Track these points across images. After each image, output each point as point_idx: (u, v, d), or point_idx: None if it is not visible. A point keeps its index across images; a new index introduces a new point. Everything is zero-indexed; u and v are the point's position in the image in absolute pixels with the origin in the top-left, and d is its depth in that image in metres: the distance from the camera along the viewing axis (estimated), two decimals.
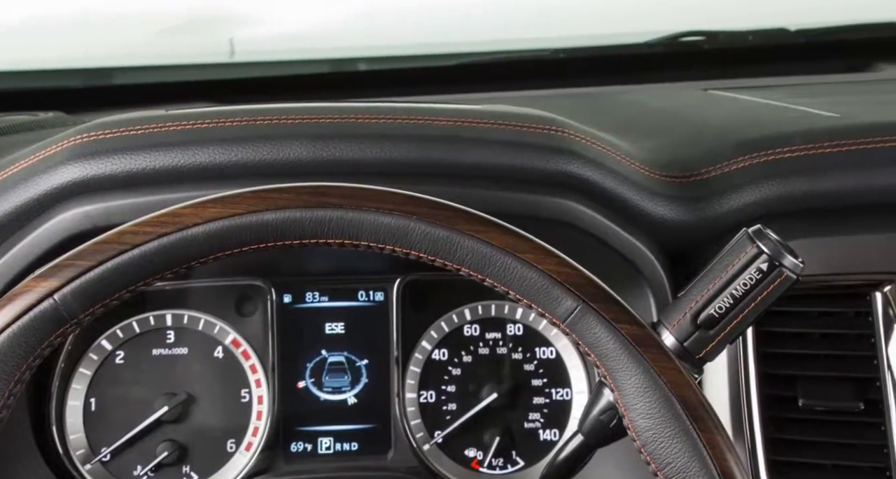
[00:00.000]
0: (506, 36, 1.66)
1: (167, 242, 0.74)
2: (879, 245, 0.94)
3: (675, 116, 1.17)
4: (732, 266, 0.76)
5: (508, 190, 0.95)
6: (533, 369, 1.09)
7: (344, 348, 1.09)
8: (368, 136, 0.94)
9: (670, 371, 0.72)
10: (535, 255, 0.74)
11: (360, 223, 0.75)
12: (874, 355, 0.93)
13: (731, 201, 0.96)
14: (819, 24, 1.44)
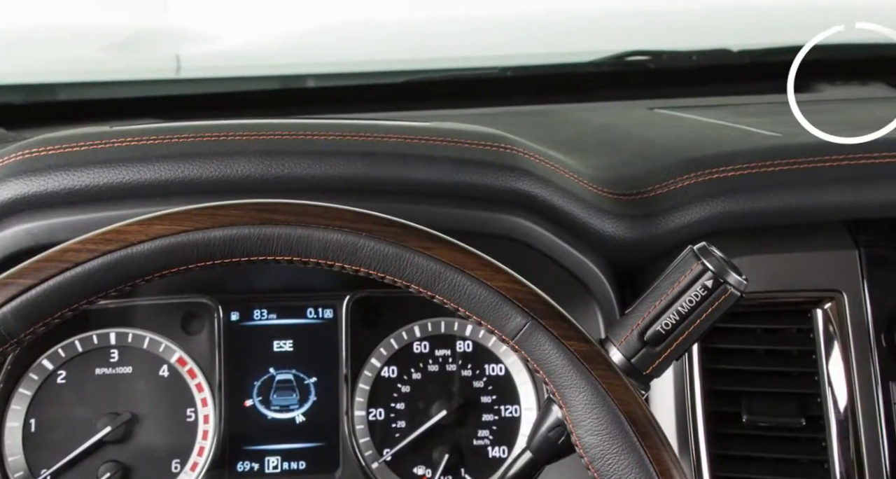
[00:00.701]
0: (454, 54, 1.67)
1: (111, 259, 0.73)
2: (820, 263, 0.96)
3: (622, 135, 1.19)
4: (678, 283, 0.77)
5: (458, 207, 0.95)
6: (482, 385, 1.09)
7: (292, 365, 1.08)
8: (317, 152, 0.94)
9: (618, 388, 0.73)
10: (485, 272, 0.74)
11: (309, 240, 0.74)
12: (815, 371, 0.95)
13: (677, 219, 0.98)
14: (761, 45, 1.47)
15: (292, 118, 1.00)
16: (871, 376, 0.92)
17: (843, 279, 0.95)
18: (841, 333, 0.94)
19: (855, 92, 1.42)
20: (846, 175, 0.97)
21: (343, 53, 1.72)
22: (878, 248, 0.96)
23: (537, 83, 1.48)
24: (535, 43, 1.70)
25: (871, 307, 0.94)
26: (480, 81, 1.50)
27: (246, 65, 1.63)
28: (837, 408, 0.93)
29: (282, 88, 1.53)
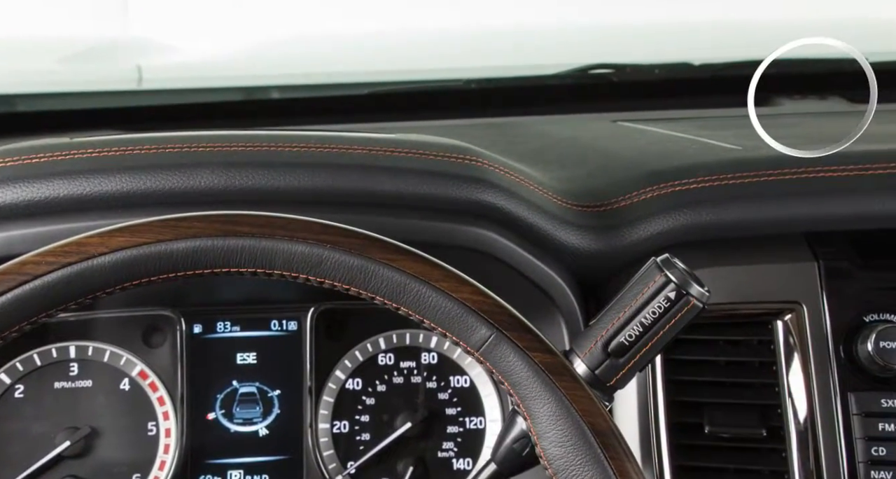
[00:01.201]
0: (419, 66, 1.67)
1: (71, 272, 0.72)
2: (780, 275, 0.97)
3: (586, 147, 1.19)
4: (642, 295, 0.78)
5: (423, 218, 0.95)
6: (447, 397, 1.09)
7: (256, 378, 1.07)
8: (282, 164, 0.94)
9: (582, 399, 0.73)
10: (450, 283, 0.74)
11: (274, 252, 0.74)
12: (776, 382, 0.96)
13: (641, 231, 0.98)
14: (722, 59, 1.49)
15: (256, 130, 1.00)
16: (830, 386, 0.93)
17: (802, 291, 0.96)
18: (801, 344, 0.95)
19: (813, 106, 1.44)
20: (805, 188, 0.99)
21: (307, 65, 1.72)
22: (837, 260, 0.97)
23: (502, 95, 1.49)
24: (499, 55, 1.71)
25: (829, 319, 0.95)
26: (445, 92, 1.50)
27: (209, 76, 1.63)
28: (797, 419, 0.94)
29: (245, 99, 1.52)
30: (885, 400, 0.92)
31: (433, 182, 0.96)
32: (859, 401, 0.93)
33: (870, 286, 0.96)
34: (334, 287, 0.75)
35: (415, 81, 1.54)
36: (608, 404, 0.79)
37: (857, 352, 0.93)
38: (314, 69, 1.66)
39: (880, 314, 0.94)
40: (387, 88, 1.50)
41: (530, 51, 1.74)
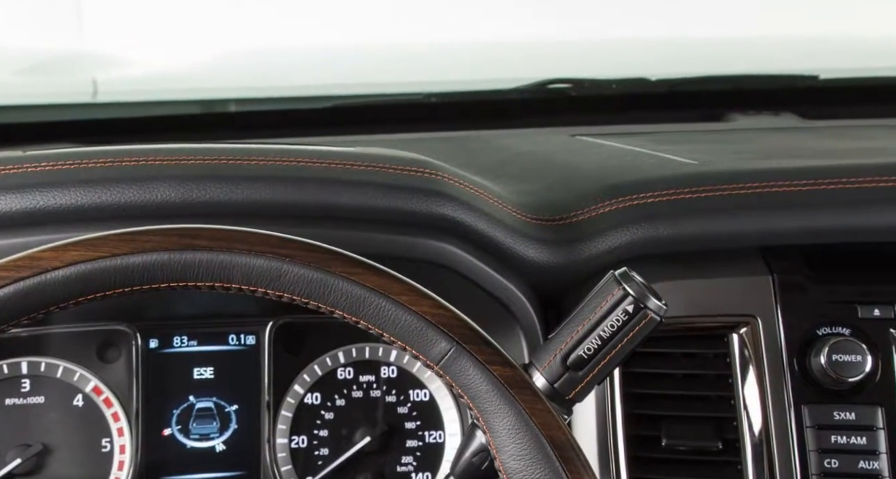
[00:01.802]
0: (379, 79, 1.68)
1: (24, 286, 0.71)
2: (736, 288, 0.98)
3: (545, 161, 1.20)
4: (600, 308, 0.78)
5: (383, 232, 0.95)
6: (406, 411, 1.08)
7: (213, 393, 1.06)
8: (240, 177, 0.93)
9: (541, 413, 0.73)
10: (410, 297, 0.74)
11: (232, 266, 0.73)
12: (732, 395, 0.96)
13: (599, 244, 0.99)
14: (678, 74, 1.51)
15: (214, 143, 0.99)
16: (784, 399, 0.94)
17: (757, 305, 0.97)
18: (756, 357, 0.96)
19: (767, 122, 1.47)
20: (760, 203, 1.00)
21: (266, 78, 1.71)
22: (791, 274, 0.98)
23: (461, 109, 1.50)
24: (459, 70, 1.72)
25: (784, 332, 0.96)
26: (405, 106, 1.50)
27: (167, 89, 1.61)
28: (752, 431, 0.95)
29: (204, 112, 1.51)
30: (837, 413, 0.93)
31: (393, 196, 0.96)
32: (813, 414, 0.94)
33: (823, 300, 0.97)
34: (293, 301, 0.74)
35: (374, 95, 1.54)
36: (567, 417, 0.79)
37: (810, 365, 0.94)
38: (273, 82, 1.66)
39: (833, 328, 0.95)
40: (346, 102, 1.50)
41: (489, 65, 1.75)
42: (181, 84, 1.66)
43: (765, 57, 1.78)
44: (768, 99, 1.50)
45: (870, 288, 0.97)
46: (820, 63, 1.60)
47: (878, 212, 0.98)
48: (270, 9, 1.83)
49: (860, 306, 0.96)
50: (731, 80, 1.51)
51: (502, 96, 1.50)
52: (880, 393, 0.93)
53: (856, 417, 0.93)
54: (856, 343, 0.93)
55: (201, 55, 1.77)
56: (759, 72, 1.52)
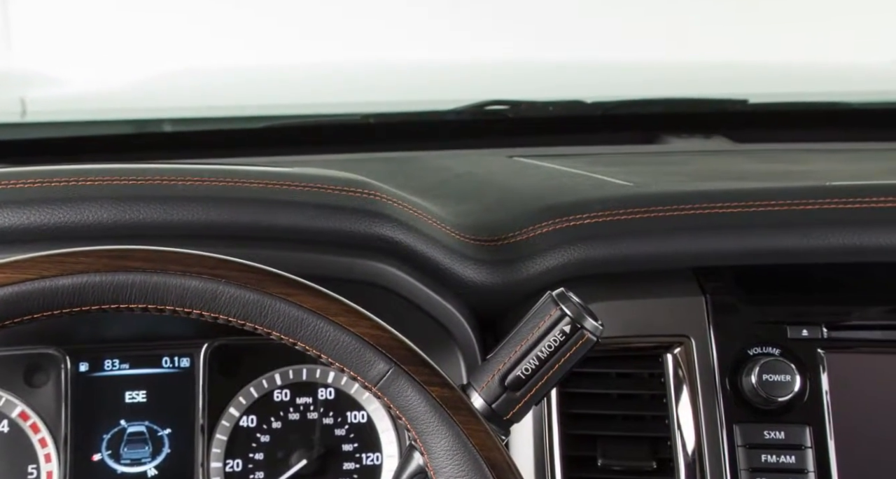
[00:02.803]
0: (316, 100, 1.67)
1: None
2: (670, 309, 0.99)
3: (483, 182, 1.21)
4: (538, 328, 0.79)
5: (320, 252, 0.95)
6: (344, 433, 1.08)
7: (145, 417, 1.04)
8: (175, 198, 0.92)
9: (479, 433, 0.73)
10: (348, 318, 0.74)
11: (166, 287, 0.72)
12: (666, 414, 0.97)
13: (537, 265, 1.00)
14: (613, 97, 1.53)
15: (148, 163, 0.98)
16: (716, 419, 0.95)
17: (691, 325, 0.98)
18: (689, 377, 0.97)
19: (699, 144, 1.49)
20: (692, 224, 1.01)
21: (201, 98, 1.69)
22: (723, 295, 1.00)
23: (400, 130, 1.50)
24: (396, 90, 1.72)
25: (716, 352, 0.97)
26: (343, 127, 1.50)
27: (98, 108, 1.59)
28: (686, 451, 0.96)
29: (136, 132, 1.49)
30: (767, 432, 0.95)
31: (330, 216, 0.95)
32: (744, 433, 0.95)
33: (754, 320, 0.98)
34: (229, 322, 0.73)
35: (311, 115, 1.54)
36: (504, 437, 0.79)
37: (742, 385, 0.96)
38: (207, 102, 1.64)
39: (763, 348, 0.97)
40: (283, 122, 1.49)
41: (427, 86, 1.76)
42: (113, 104, 1.63)
43: (696, 81, 1.82)
44: (700, 122, 1.53)
45: (799, 309, 0.99)
46: (749, 88, 1.64)
47: (805, 234, 1.00)
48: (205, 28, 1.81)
49: (789, 326, 0.98)
50: (663, 103, 1.53)
51: (440, 117, 1.50)
52: (808, 413, 0.95)
53: (785, 436, 0.94)
54: (785, 363, 0.95)
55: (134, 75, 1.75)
56: (691, 95, 1.55)
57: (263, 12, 1.95)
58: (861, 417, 0.95)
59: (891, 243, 0.98)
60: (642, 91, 1.59)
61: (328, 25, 1.97)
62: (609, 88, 1.72)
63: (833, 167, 1.26)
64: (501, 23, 2.10)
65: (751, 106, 1.50)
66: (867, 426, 0.95)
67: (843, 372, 0.96)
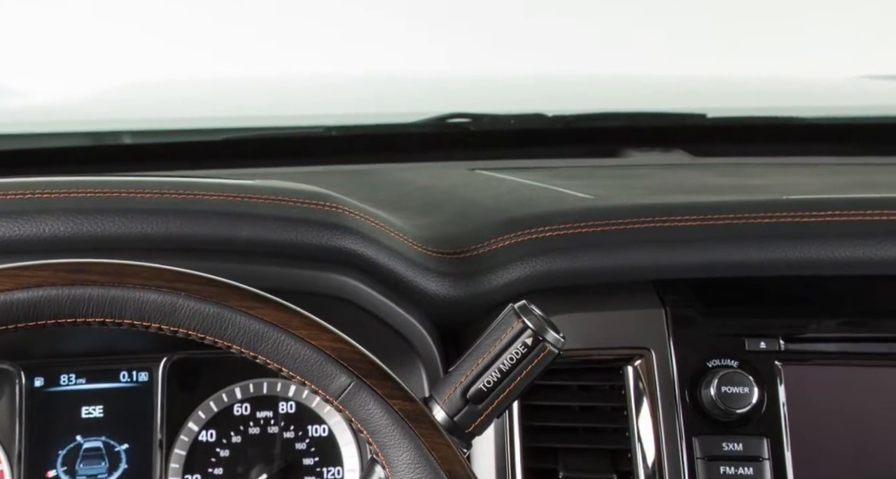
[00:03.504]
0: (278, 112, 1.67)
1: None
2: (631, 321, 1.00)
3: (445, 194, 1.21)
4: (500, 341, 0.79)
5: (282, 265, 0.94)
6: (305, 447, 1.07)
7: (102, 432, 1.02)
8: (133, 210, 0.91)
9: (441, 447, 0.73)
10: (309, 331, 0.73)
11: (124, 301, 0.71)
12: (627, 427, 0.98)
13: (499, 277, 1.00)
14: (573, 111, 1.54)
15: (107, 176, 0.97)
16: (676, 431, 0.96)
17: (651, 337, 0.99)
18: (649, 389, 0.98)
19: (658, 158, 1.51)
20: (652, 237, 1.02)
21: (161, 110, 1.68)
22: (682, 307, 1.01)
23: (362, 143, 1.50)
24: (359, 103, 1.72)
25: (676, 364, 0.98)
26: (304, 139, 1.49)
27: (55, 120, 1.57)
28: (646, 463, 0.96)
29: (95, 144, 1.47)
30: (726, 444, 0.95)
31: (292, 229, 0.95)
32: (703, 445, 0.95)
33: (713, 333, 0.99)
34: (189, 336, 0.73)
35: (273, 128, 1.53)
36: (466, 450, 0.79)
37: (701, 397, 0.96)
38: (168, 114, 1.63)
39: (722, 360, 0.98)
40: (245, 134, 1.48)
41: (389, 99, 1.76)
42: (72, 116, 1.61)
43: (656, 95, 1.84)
44: (659, 136, 1.54)
45: (757, 321, 1.00)
46: (707, 102, 1.66)
47: (762, 247, 1.01)
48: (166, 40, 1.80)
49: (747, 338, 0.98)
50: (624, 117, 1.54)
51: (402, 130, 1.50)
52: (766, 424, 0.96)
53: (743, 448, 0.95)
54: (743, 375, 0.96)
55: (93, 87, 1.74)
56: (651, 109, 1.57)
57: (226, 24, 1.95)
58: (817, 428, 0.96)
59: (845, 257, 1.00)
60: (603, 105, 1.61)
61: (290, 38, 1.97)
62: (570, 101, 1.73)
63: (789, 181, 1.27)
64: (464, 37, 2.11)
65: (709, 120, 1.52)
66: (823, 438, 0.96)
67: (800, 384, 0.97)
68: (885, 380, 0.98)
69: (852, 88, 2.05)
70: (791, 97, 1.85)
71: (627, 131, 1.53)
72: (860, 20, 2.51)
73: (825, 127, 1.55)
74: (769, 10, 2.50)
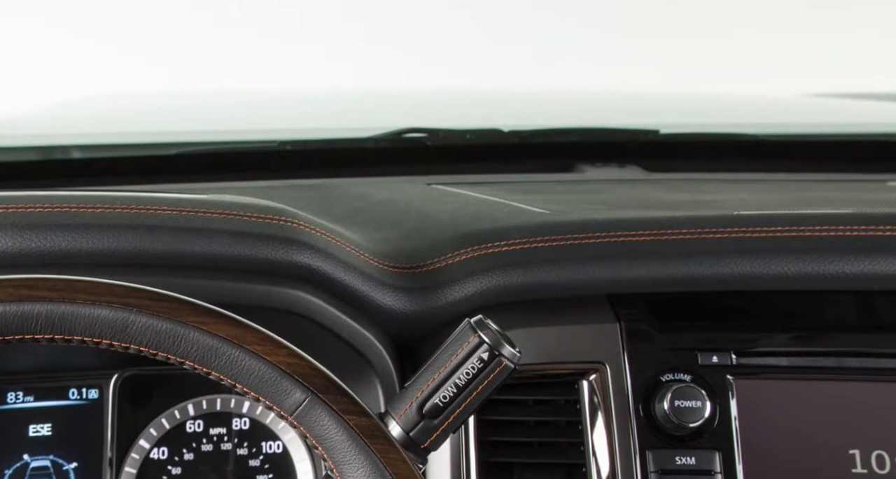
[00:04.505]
0: (232, 126, 1.66)
1: None
2: (586, 336, 1.00)
3: (402, 209, 1.21)
4: (456, 356, 0.79)
5: (237, 280, 0.94)
6: (258, 464, 1.06)
7: (50, 451, 1.00)
8: (84, 226, 0.90)
9: (396, 462, 0.73)
10: (264, 346, 0.73)
11: (74, 317, 0.70)
12: (581, 441, 0.98)
13: (455, 292, 1.00)
14: (529, 126, 1.55)
15: (55, 191, 0.95)
16: (630, 445, 0.96)
17: (606, 352, 0.99)
18: (604, 403, 0.98)
19: (613, 173, 1.52)
20: (607, 252, 1.03)
21: (112, 124, 1.66)
22: (637, 322, 1.01)
23: (317, 157, 1.49)
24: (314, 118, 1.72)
25: (630, 379, 0.98)
26: (259, 153, 1.49)
27: (5, 135, 1.54)
28: (600, 477, 0.96)
29: (44, 159, 1.45)
30: (679, 458, 0.96)
31: (247, 243, 0.94)
32: (656, 459, 0.96)
33: (666, 347, 1.00)
34: (141, 352, 0.72)
35: (227, 142, 1.52)
36: (422, 466, 0.79)
37: (654, 411, 0.97)
38: (120, 128, 1.61)
39: (675, 374, 0.98)
40: (198, 149, 1.47)
41: (345, 113, 1.76)
42: (21, 130, 1.59)
43: (611, 111, 1.86)
44: (614, 151, 1.55)
45: (709, 336, 1.01)
46: (661, 119, 1.68)
47: (714, 262, 1.02)
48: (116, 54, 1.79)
49: (700, 353, 0.99)
50: (579, 132, 1.56)
51: (358, 145, 1.50)
52: (718, 438, 0.96)
53: (696, 461, 0.96)
54: (696, 389, 0.96)
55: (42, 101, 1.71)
56: (606, 125, 1.58)
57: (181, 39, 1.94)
58: (768, 442, 0.97)
59: (794, 272, 1.01)
60: (559, 120, 1.62)
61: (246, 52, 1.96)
62: (526, 117, 1.75)
63: (740, 197, 1.29)
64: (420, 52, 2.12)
65: (662, 136, 1.54)
66: (774, 451, 0.97)
67: (751, 398, 0.98)
68: (833, 394, 0.99)
69: (799, 105, 2.09)
70: (741, 114, 1.88)
71: (583, 147, 1.55)
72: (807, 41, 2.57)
73: (774, 144, 1.58)
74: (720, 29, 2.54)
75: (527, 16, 2.38)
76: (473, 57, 2.11)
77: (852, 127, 1.76)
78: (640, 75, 2.28)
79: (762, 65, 2.52)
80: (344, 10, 2.22)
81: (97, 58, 1.84)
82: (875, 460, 0.97)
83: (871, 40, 2.66)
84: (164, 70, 1.89)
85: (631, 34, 2.42)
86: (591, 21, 2.38)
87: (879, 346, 1.01)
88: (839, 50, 2.59)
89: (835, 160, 1.55)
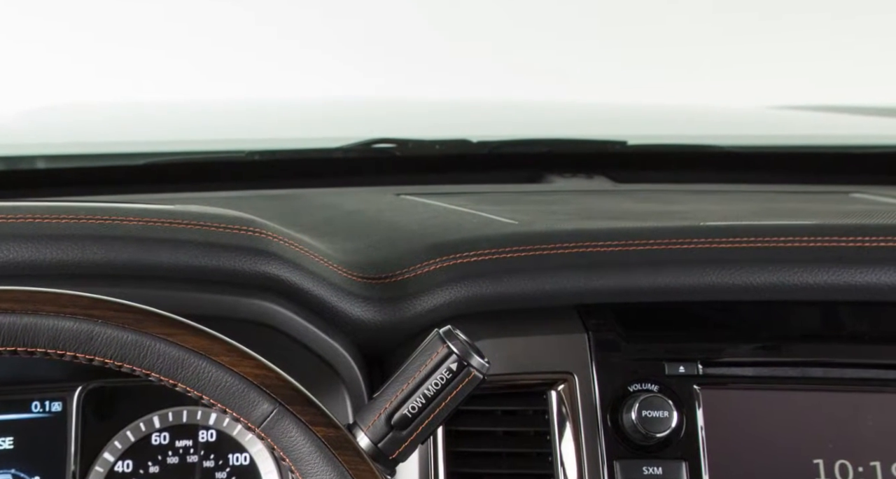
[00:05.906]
0: (199, 136, 1.65)
1: None
2: (554, 346, 1.00)
3: (371, 219, 1.21)
4: (425, 366, 0.79)
5: (204, 291, 0.93)
6: (225, 476, 1.05)
7: (11, 465, 0.99)
8: (49, 236, 0.89)
9: (364, 474, 0.73)
10: (231, 357, 0.72)
11: (37, 329, 0.70)
12: (550, 451, 0.98)
13: (424, 302, 1.00)
14: (498, 137, 1.56)
15: (19, 201, 0.94)
16: (598, 455, 0.96)
17: (574, 362, 0.99)
18: (572, 414, 0.98)
19: (583, 184, 1.53)
20: (574, 262, 1.03)
21: (79, 134, 1.65)
22: (604, 332, 1.01)
23: (286, 167, 1.49)
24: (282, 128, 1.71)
25: (598, 389, 0.98)
26: (227, 164, 1.48)
27: None
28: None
29: (7, 169, 1.43)
30: (646, 468, 0.96)
31: (214, 254, 0.93)
32: (624, 469, 0.96)
33: (634, 357, 1.00)
34: (105, 365, 0.71)
35: (195, 152, 1.51)
36: (390, 477, 0.79)
37: (622, 421, 0.97)
38: (86, 138, 1.60)
39: (642, 384, 0.99)
40: (165, 159, 1.46)
41: (314, 124, 1.76)
42: None
43: (578, 122, 1.87)
44: (582, 162, 1.56)
45: (676, 346, 1.01)
46: (628, 130, 1.69)
47: (681, 272, 1.02)
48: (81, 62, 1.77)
49: (667, 363, 1.00)
50: (547, 143, 1.56)
51: (327, 155, 1.50)
52: (685, 448, 0.97)
53: (662, 472, 0.96)
54: (663, 399, 0.97)
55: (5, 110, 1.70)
56: (574, 136, 1.59)
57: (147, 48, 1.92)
58: (734, 452, 0.98)
59: (759, 282, 1.02)
60: (527, 131, 1.63)
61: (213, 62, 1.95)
62: (494, 127, 1.75)
63: (706, 208, 1.30)
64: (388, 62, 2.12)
65: (630, 147, 1.55)
66: (740, 461, 0.98)
67: (718, 408, 0.99)
68: (799, 403, 1.00)
69: (764, 117, 2.11)
70: (707, 126, 1.90)
71: (551, 157, 1.55)
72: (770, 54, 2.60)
73: (740, 155, 1.60)
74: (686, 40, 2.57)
75: (495, 27, 2.39)
76: (442, 68, 2.12)
77: (816, 139, 1.79)
78: (607, 87, 2.30)
79: (728, 77, 2.55)
80: (313, 21, 2.23)
81: (63, 67, 1.82)
82: (839, 469, 0.98)
83: (832, 53, 2.70)
84: (132, 80, 1.87)
85: (599, 46, 2.44)
86: (559, 33, 2.40)
87: (843, 356, 1.02)
88: (802, 61, 2.63)
89: (800, 172, 1.57)
